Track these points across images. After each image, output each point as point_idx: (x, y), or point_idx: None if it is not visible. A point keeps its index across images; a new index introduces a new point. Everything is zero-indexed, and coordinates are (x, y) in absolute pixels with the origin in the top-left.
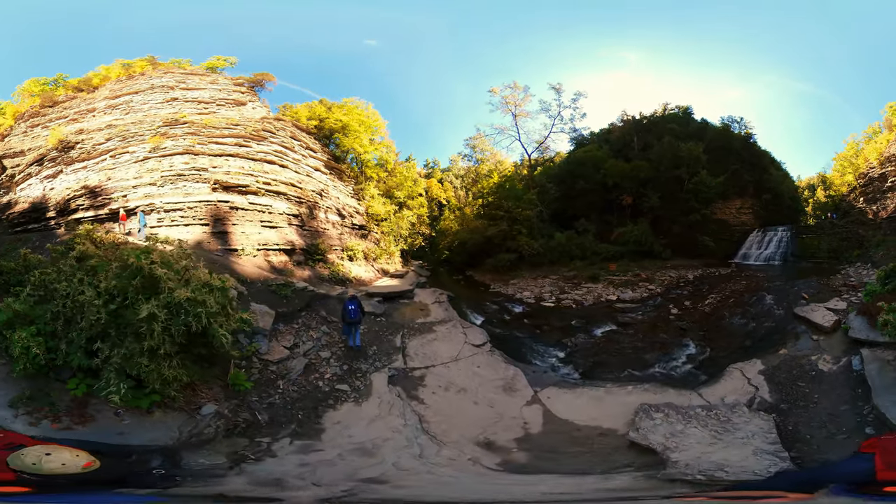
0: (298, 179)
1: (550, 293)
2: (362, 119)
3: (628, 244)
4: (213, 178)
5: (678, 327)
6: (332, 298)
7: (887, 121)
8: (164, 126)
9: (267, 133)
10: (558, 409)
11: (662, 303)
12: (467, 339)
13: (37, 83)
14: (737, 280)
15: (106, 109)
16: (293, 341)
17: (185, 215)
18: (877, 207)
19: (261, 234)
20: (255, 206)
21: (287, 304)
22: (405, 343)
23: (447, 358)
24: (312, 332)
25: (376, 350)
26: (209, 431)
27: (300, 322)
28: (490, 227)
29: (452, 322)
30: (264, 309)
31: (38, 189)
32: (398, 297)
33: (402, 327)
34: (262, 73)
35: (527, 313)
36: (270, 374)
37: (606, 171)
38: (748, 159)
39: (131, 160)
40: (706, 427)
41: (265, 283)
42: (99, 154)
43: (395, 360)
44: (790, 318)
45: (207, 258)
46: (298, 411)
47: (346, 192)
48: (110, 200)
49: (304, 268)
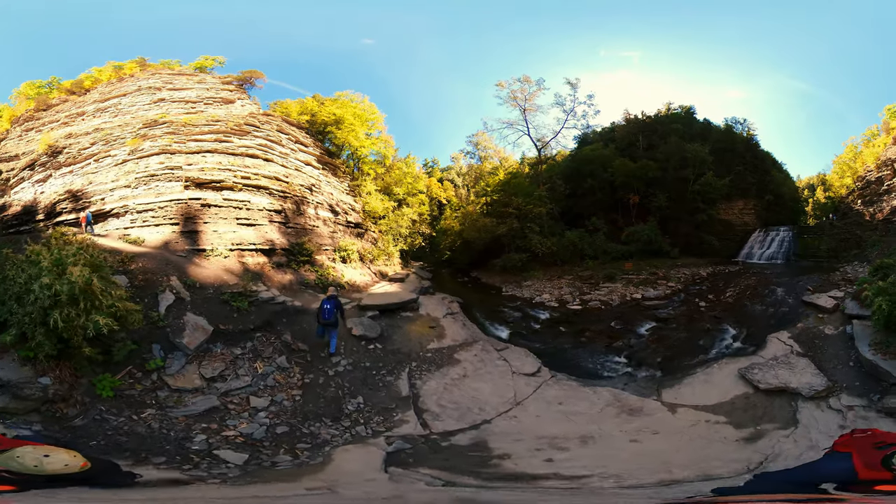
0: (285, 174)
1: (571, 294)
2: (357, 112)
3: (639, 243)
4: (185, 176)
5: (713, 317)
6: (308, 315)
7: (885, 124)
8: (144, 128)
9: (250, 127)
10: (693, 400)
11: (687, 298)
12: (511, 366)
13: (32, 86)
14: (746, 276)
15: (95, 113)
16: (221, 370)
17: (156, 215)
18: (874, 209)
19: (235, 233)
20: (231, 203)
21: (238, 319)
22: (416, 386)
23: (501, 404)
24: (259, 365)
25: (362, 404)
26: (28, 393)
27: (248, 346)
28: (500, 226)
29: (479, 343)
30: (199, 322)
31: (29, 193)
32: (399, 308)
33: (406, 359)
34: (250, 70)
35: (556, 319)
36: (148, 397)
37: (614, 169)
38: (751, 161)
39: (112, 163)
40: (782, 368)
41: (219, 289)
42: (84, 158)
43: (401, 418)
44: (800, 305)
45: (163, 259)
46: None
47: (341, 189)
48: (90, 204)
49: (285, 271)
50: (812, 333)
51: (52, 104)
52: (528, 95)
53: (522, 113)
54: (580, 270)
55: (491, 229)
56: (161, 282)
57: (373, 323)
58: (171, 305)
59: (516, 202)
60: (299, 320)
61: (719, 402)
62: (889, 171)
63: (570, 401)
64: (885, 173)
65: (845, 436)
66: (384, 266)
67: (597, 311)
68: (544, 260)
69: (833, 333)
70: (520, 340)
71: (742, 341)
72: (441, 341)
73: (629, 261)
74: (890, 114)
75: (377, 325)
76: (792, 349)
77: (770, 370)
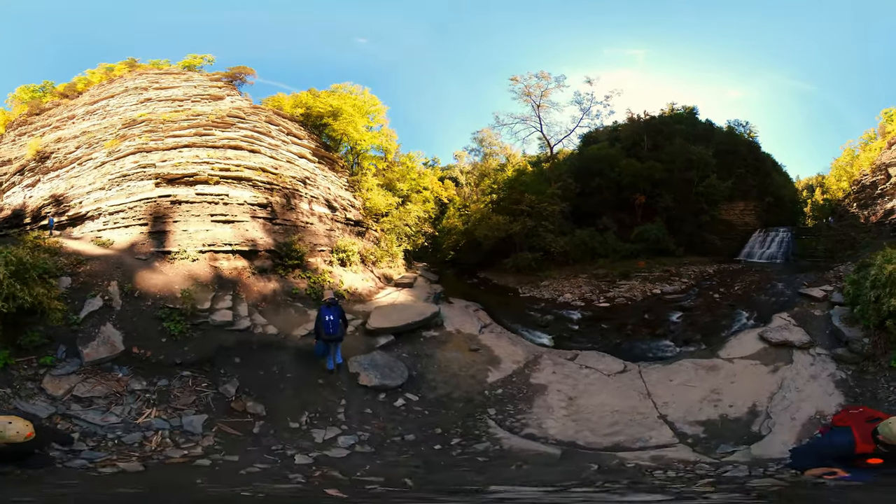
0: (274, 165)
1: (592, 293)
2: (357, 103)
3: (647, 242)
4: (156, 174)
5: (728, 305)
6: (284, 351)
7: (881, 127)
8: (124, 128)
9: (234, 119)
10: (736, 354)
11: (701, 291)
12: (601, 370)
13: (27, 90)
14: (750, 274)
15: (84, 116)
16: (95, 396)
17: (126, 216)
18: (868, 212)
19: (208, 232)
20: (204, 198)
21: (164, 346)
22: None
23: (646, 406)
24: (151, 412)
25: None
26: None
27: (160, 384)
28: (514, 224)
29: (544, 357)
30: (113, 338)
31: (20, 197)
32: (419, 328)
33: (472, 409)
34: (239, 66)
35: (590, 317)
36: (17, 382)
37: (621, 169)
38: (752, 164)
39: (92, 166)
40: (784, 332)
41: (158, 303)
42: (70, 162)
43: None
44: (797, 296)
45: (116, 262)
46: None
47: (339, 184)
48: (69, 207)
49: (269, 278)
50: (805, 314)
51: (45, 108)
52: (544, 91)
53: (536, 109)
54: (593, 269)
55: (504, 227)
56: (96, 286)
57: (390, 359)
58: (95, 312)
59: (529, 199)
60: (264, 360)
61: (751, 354)
62: (883, 176)
63: (677, 377)
64: (879, 178)
65: (841, 412)
66: (388, 268)
67: (624, 307)
68: (556, 259)
69: (820, 315)
70: (569, 343)
71: (755, 320)
72: (499, 367)
73: (639, 259)
74: (886, 117)
75: (398, 363)
76: (790, 322)
77: (777, 333)
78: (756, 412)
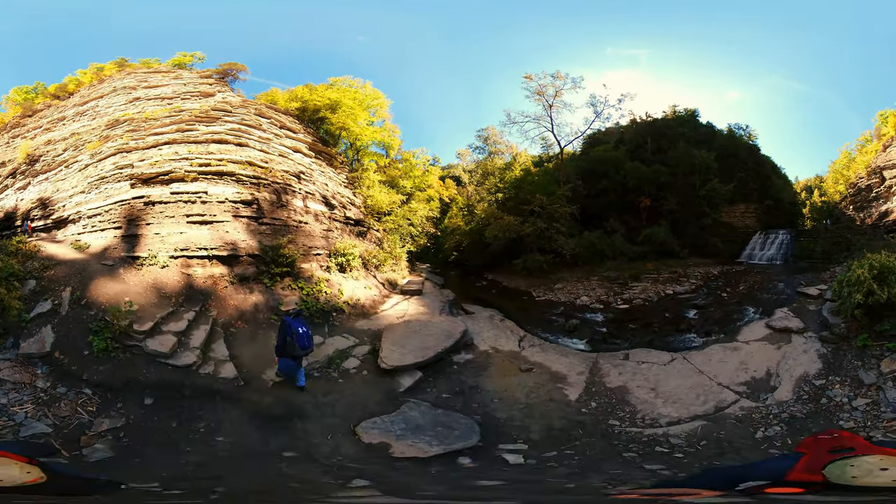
0: (263, 158)
1: (607, 295)
2: (357, 96)
3: (654, 244)
4: (132, 174)
5: (736, 302)
6: (234, 407)
7: (877, 129)
8: (107, 129)
9: (220, 112)
10: (749, 338)
11: (710, 291)
12: (652, 364)
13: (20, 92)
14: (752, 275)
15: (74, 117)
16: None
17: (103, 220)
18: (864, 215)
19: (182, 235)
20: (179, 197)
21: (85, 362)
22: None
23: (713, 384)
24: (28, 409)
25: None
26: None
27: (50, 394)
28: (525, 225)
29: (595, 362)
30: (46, 339)
31: (12, 200)
32: (449, 353)
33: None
34: (231, 62)
35: (614, 319)
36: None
37: (627, 172)
38: (753, 167)
39: (77, 168)
40: (785, 321)
41: (99, 314)
42: (57, 165)
43: None
44: (796, 294)
45: (81, 267)
46: None
47: (338, 181)
48: (54, 211)
49: (251, 288)
50: (802, 308)
51: (37, 110)
52: (557, 91)
53: (548, 109)
54: (602, 271)
55: (517, 228)
56: (52, 291)
57: (433, 410)
58: (43, 314)
59: (540, 200)
60: (191, 413)
61: (761, 337)
62: (877, 179)
63: (713, 357)
64: (874, 181)
65: (809, 438)
66: (392, 272)
67: (643, 308)
68: (566, 261)
69: (814, 309)
70: (605, 345)
71: (760, 314)
72: (569, 382)
73: (642, 261)
74: (882, 119)
75: (451, 413)
76: (790, 315)
77: (779, 322)
78: (770, 374)
